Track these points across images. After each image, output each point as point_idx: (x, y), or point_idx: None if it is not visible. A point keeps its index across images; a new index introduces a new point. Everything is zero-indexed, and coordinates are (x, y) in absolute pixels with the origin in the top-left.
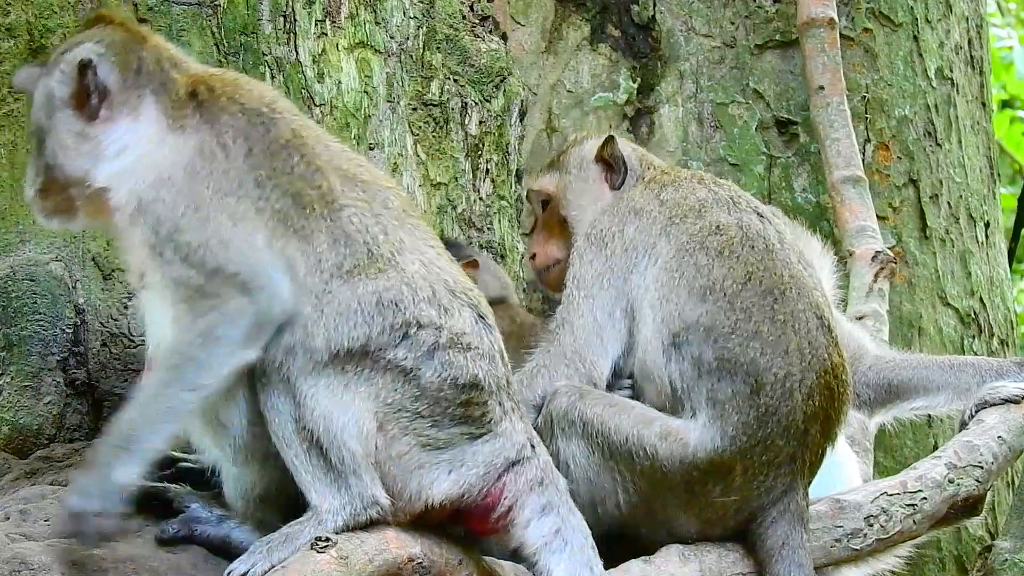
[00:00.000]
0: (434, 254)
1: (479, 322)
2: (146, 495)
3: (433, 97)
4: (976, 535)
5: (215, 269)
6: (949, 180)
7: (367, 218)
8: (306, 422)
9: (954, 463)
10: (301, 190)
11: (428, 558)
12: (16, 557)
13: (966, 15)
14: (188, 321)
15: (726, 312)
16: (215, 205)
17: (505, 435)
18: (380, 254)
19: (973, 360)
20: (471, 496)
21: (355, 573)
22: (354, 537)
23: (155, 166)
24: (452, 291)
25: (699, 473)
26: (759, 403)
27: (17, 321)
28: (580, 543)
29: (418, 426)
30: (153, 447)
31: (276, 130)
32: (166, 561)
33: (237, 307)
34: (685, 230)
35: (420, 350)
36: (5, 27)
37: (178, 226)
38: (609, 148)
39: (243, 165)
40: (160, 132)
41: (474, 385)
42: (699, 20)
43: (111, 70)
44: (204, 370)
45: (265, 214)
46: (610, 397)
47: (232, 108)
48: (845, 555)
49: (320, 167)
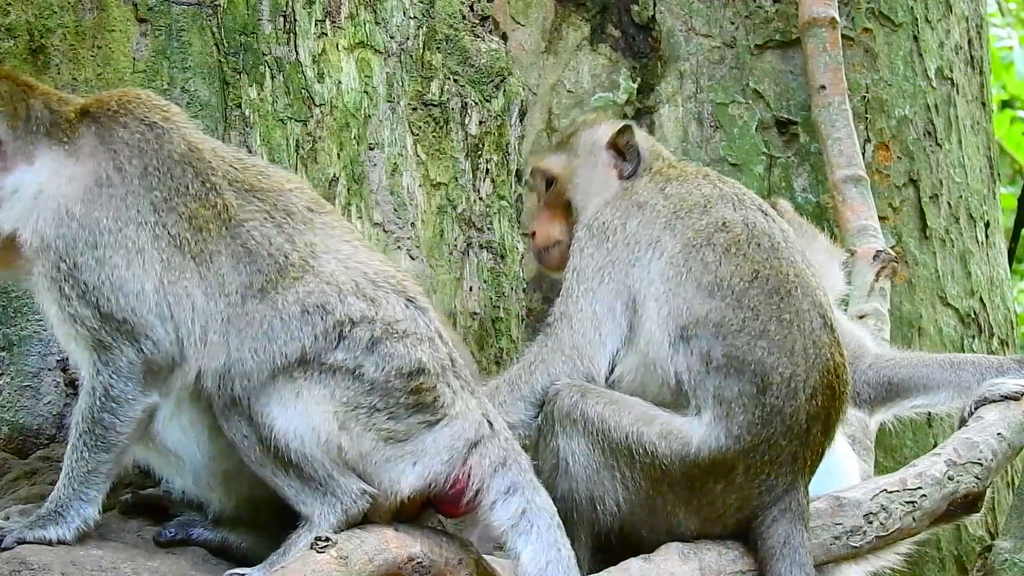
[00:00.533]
0: (350, 248)
1: (410, 305)
2: (142, 502)
3: (433, 97)
4: (976, 535)
5: (107, 315)
6: (949, 180)
7: (269, 229)
8: (269, 442)
9: (954, 460)
10: (196, 212)
11: (428, 558)
12: (16, 557)
13: (966, 15)
14: (89, 377)
15: (734, 309)
16: (112, 241)
17: (461, 416)
18: (291, 263)
19: (973, 358)
20: (438, 485)
21: (355, 573)
22: (354, 537)
23: (54, 201)
24: (374, 281)
25: (701, 471)
26: (765, 402)
27: (17, 321)
28: (546, 523)
29: (376, 420)
30: (87, 515)
31: (170, 144)
32: (166, 561)
33: (127, 361)
34: (691, 225)
35: (358, 348)
36: (5, 27)
37: (76, 263)
38: (625, 137)
39: (139, 188)
40: (56, 166)
41: (420, 371)
42: (699, 20)
43: (1, 122)
44: (111, 430)
45: (162, 241)
46: (611, 395)
47: (124, 119)
48: (845, 552)
49: (214, 184)
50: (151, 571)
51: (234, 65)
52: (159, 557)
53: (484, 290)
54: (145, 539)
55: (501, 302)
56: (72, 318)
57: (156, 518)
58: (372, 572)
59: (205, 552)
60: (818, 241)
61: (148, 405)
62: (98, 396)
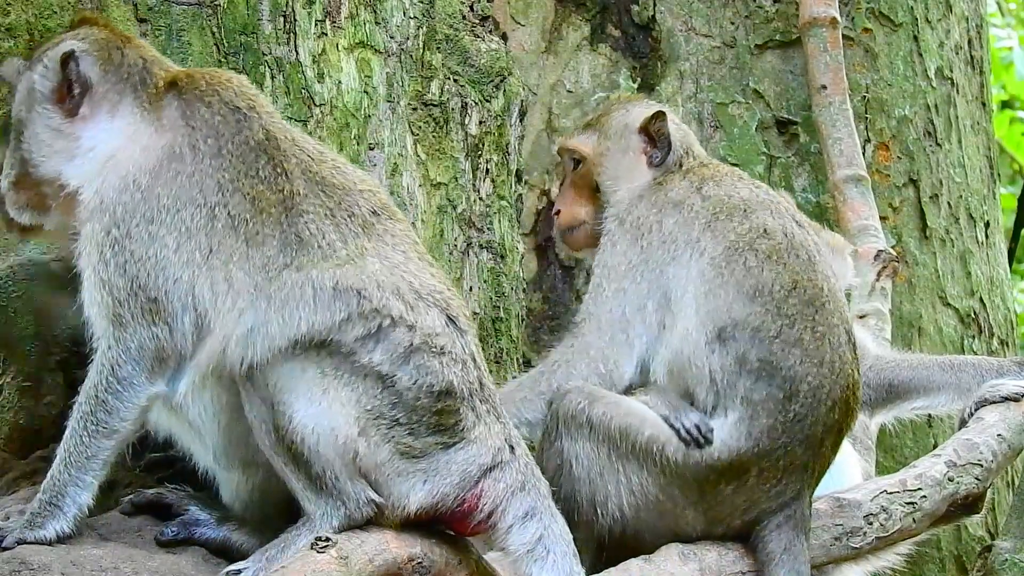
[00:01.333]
0: (401, 258)
1: (449, 324)
2: (146, 504)
3: (433, 97)
4: (976, 535)
5: (141, 288)
6: (949, 180)
7: (325, 225)
8: (286, 432)
9: (954, 461)
10: (261, 194)
11: (428, 558)
12: (16, 557)
13: (966, 15)
14: (100, 351)
15: (773, 316)
16: (168, 220)
17: (479, 441)
18: (335, 255)
19: (973, 360)
20: (446, 504)
21: (355, 573)
22: (354, 537)
23: (124, 166)
24: (418, 292)
25: (716, 473)
26: (789, 409)
27: (17, 321)
28: (562, 551)
29: (396, 434)
30: (82, 502)
31: (249, 131)
32: (166, 561)
33: (138, 342)
34: (733, 228)
35: (396, 352)
36: (5, 27)
37: (129, 232)
38: (657, 123)
39: (208, 167)
40: (135, 130)
41: (448, 392)
42: (699, 20)
43: (93, 64)
44: (114, 415)
45: (218, 223)
46: (620, 399)
47: (210, 99)
48: (845, 553)
49: (286, 170)
50: (151, 571)
51: (234, 65)
52: (159, 557)
53: (484, 290)
54: (145, 539)
55: (501, 302)
56: (103, 283)
57: (158, 517)
58: (372, 572)
59: (205, 552)
60: (820, 236)
61: (152, 393)
62: (104, 374)
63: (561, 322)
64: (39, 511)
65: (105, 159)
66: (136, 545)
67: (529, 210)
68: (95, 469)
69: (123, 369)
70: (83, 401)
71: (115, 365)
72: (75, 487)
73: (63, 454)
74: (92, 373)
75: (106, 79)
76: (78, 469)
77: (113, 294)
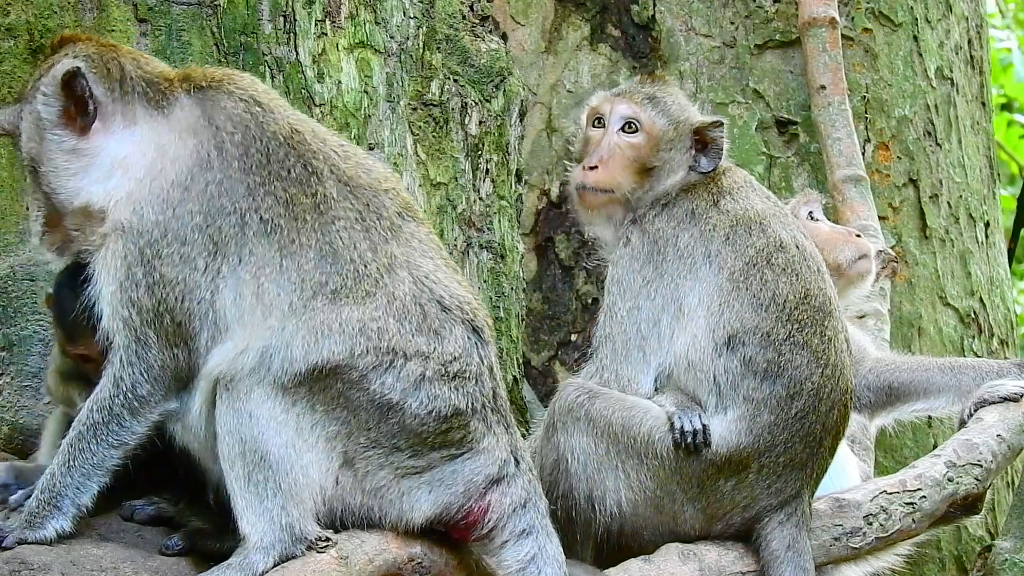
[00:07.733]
0: (431, 265)
1: (472, 337)
2: (149, 519)
3: (433, 97)
4: (976, 535)
5: (168, 311)
6: (949, 180)
7: (357, 233)
8: (253, 445)
9: (953, 461)
10: (295, 197)
11: (428, 558)
12: (16, 557)
13: (966, 15)
14: (118, 366)
15: (783, 322)
16: (199, 240)
17: (487, 451)
18: (367, 273)
19: (973, 362)
20: (449, 514)
21: (355, 573)
22: (354, 537)
23: (157, 184)
24: (446, 307)
25: (715, 468)
26: (791, 407)
27: (17, 321)
28: (554, 572)
29: (395, 459)
30: (82, 503)
31: (275, 124)
32: (166, 561)
33: (160, 364)
34: (752, 244)
35: (408, 381)
36: (5, 27)
37: (160, 254)
38: (715, 131)
39: (237, 171)
40: (158, 139)
41: (456, 414)
42: (699, 20)
43: (95, 78)
44: (127, 429)
45: (250, 229)
46: (621, 396)
47: (231, 87)
48: (845, 553)
49: (316, 170)
50: (151, 571)
51: (234, 65)
52: (159, 557)
53: (484, 290)
54: (145, 539)
55: (501, 302)
56: (131, 302)
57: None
58: (372, 572)
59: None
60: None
61: (167, 410)
62: (123, 390)
63: (561, 322)
64: (38, 511)
65: (130, 170)
66: (136, 545)
67: (529, 210)
68: (99, 476)
69: (143, 388)
70: (95, 410)
71: (136, 383)
72: (76, 491)
73: (66, 458)
74: (108, 385)
75: (111, 90)
76: (83, 475)
77: (141, 314)
